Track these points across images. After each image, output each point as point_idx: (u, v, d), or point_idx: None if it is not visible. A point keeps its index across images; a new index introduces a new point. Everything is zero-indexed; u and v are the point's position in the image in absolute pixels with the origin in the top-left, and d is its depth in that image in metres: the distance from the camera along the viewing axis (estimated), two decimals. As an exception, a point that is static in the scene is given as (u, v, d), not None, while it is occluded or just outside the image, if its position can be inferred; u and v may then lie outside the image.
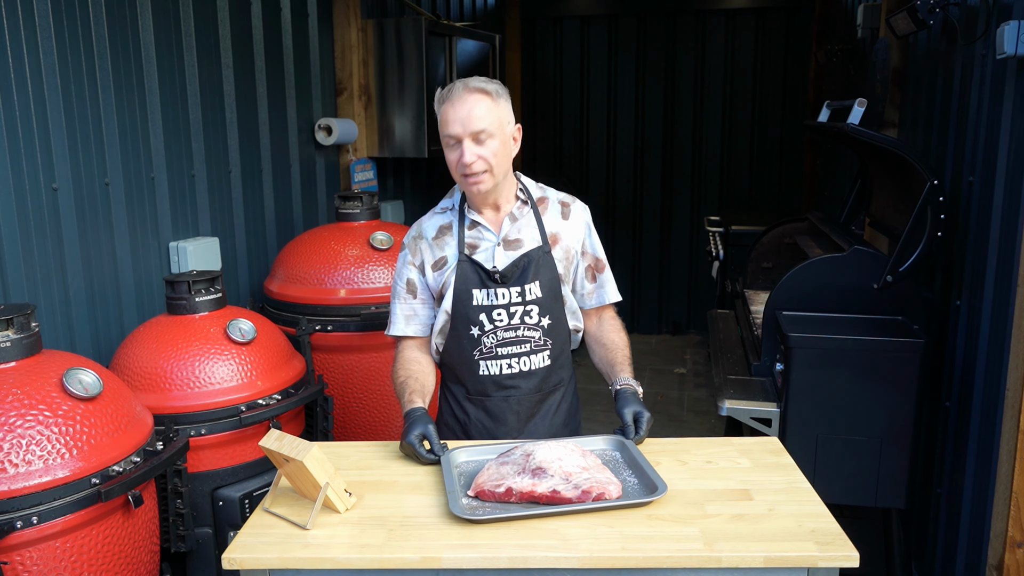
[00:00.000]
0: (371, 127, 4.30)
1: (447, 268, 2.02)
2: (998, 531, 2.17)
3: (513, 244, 2.01)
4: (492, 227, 2.02)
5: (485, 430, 2.06)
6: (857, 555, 1.42)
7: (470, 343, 2.01)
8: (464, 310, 1.99)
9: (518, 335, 2.01)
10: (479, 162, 1.89)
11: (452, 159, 1.92)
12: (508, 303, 1.99)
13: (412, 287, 2.07)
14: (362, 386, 3.15)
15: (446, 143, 1.92)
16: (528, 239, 2.02)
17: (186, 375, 2.40)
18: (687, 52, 6.56)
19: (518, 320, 2.00)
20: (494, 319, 1.99)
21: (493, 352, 2.01)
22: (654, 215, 6.83)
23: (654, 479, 1.65)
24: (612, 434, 1.88)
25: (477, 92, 1.89)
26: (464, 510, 1.54)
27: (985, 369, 2.36)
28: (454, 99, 1.89)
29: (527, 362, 2.03)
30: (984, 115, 2.42)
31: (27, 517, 1.81)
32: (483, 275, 1.98)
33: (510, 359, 2.02)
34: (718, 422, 4.66)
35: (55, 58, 2.50)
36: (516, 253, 2.00)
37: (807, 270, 2.77)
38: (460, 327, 2.01)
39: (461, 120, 1.87)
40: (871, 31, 3.99)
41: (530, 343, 2.02)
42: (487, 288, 1.98)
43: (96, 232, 2.70)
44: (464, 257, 2.00)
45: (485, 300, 1.98)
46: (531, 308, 2.00)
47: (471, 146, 1.88)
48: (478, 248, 2.01)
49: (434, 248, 2.04)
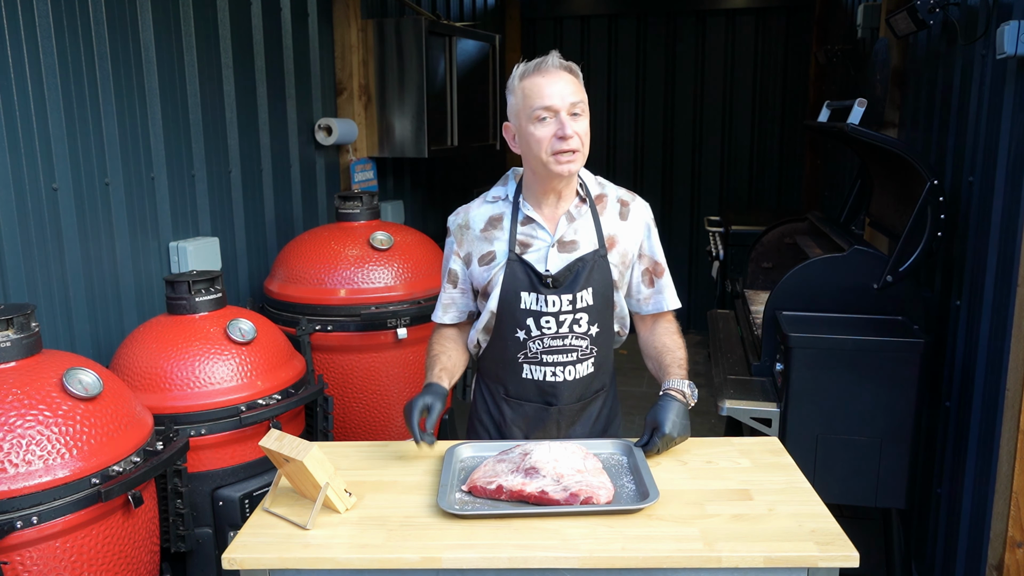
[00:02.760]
0: (371, 127, 4.30)
1: (495, 264, 1.91)
2: (998, 531, 2.17)
3: (568, 246, 1.90)
4: (548, 225, 1.91)
5: (521, 434, 2.01)
6: (857, 555, 1.42)
7: (515, 345, 1.94)
8: (511, 311, 1.91)
9: (566, 344, 1.92)
10: (576, 138, 1.78)
11: (543, 134, 1.78)
12: (558, 311, 1.89)
13: (454, 277, 2.01)
14: (362, 386, 3.15)
15: (535, 117, 1.78)
16: (584, 241, 1.91)
17: (186, 375, 2.40)
18: (687, 52, 6.56)
19: (567, 329, 1.91)
20: (542, 326, 1.90)
21: (538, 358, 1.93)
22: (654, 215, 6.81)
23: (648, 486, 1.63)
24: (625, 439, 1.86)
25: (569, 70, 1.82)
26: (450, 504, 1.55)
27: (985, 369, 2.36)
28: (548, 71, 1.79)
29: (572, 371, 1.95)
30: (984, 115, 2.42)
31: (27, 517, 1.81)
32: (534, 278, 1.89)
33: (555, 367, 1.94)
34: (718, 422, 4.66)
35: (55, 58, 2.50)
36: (571, 256, 1.90)
37: (807, 270, 2.77)
38: (506, 328, 1.93)
39: (560, 92, 1.77)
40: (871, 31, 3.99)
41: (577, 352, 1.94)
42: (537, 292, 1.88)
43: (96, 232, 2.70)
44: (515, 256, 1.90)
45: (534, 305, 1.89)
46: (581, 316, 1.91)
47: (570, 121, 1.77)
48: (530, 247, 1.91)
49: (482, 241, 1.94)
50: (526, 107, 1.81)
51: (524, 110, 1.81)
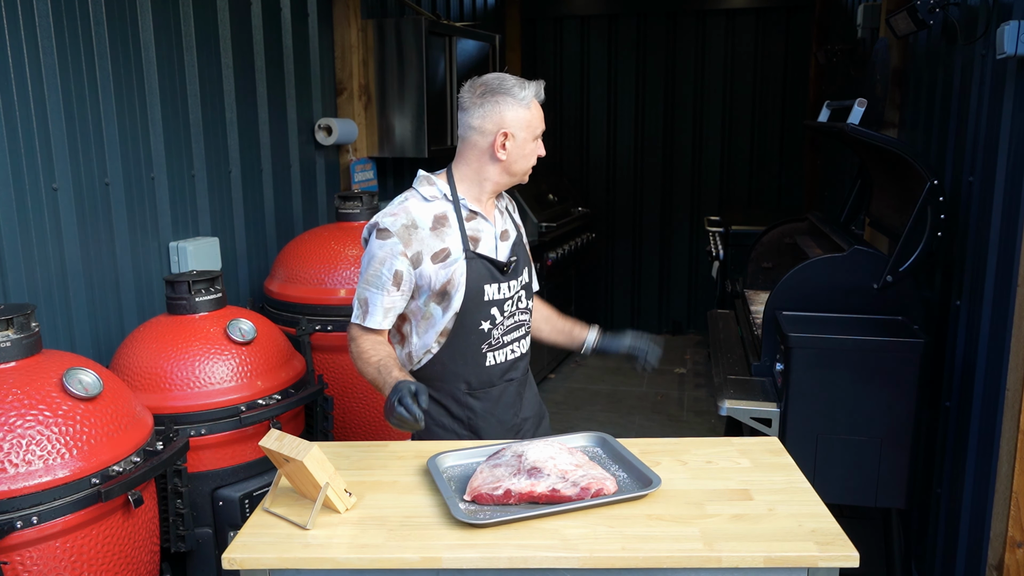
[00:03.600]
0: (371, 127, 4.30)
1: (451, 261, 1.97)
2: (998, 531, 2.17)
3: (504, 235, 2.10)
4: (489, 218, 2.07)
5: (493, 418, 2.09)
6: (857, 555, 1.42)
7: (478, 338, 2.02)
8: (476, 306, 1.99)
9: (517, 320, 2.10)
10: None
11: (532, 151, 2.01)
12: (515, 293, 2.07)
13: (399, 279, 1.95)
14: (362, 386, 3.15)
15: (535, 137, 2.01)
16: (511, 230, 2.14)
17: (186, 375, 2.40)
18: (687, 52, 6.56)
19: (516, 307, 2.09)
20: (504, 311, 2.05)
21: (500, 341, 2.07)
22: (654, 215, 6.83)
23: (645, 472, 1.66)
24: (590, 431, 1.92)
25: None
26: (467, 515, 1.54)
27: (985, 369, 2.36)
28: (541, 99, 2.02)
29: (523, 344, 2.14)
30: (984, 115, 2.42)
31: (27, 517, 1.81)
32: (494, 269, 2.01)
33: (512, 344, 2.10)
34: (718, 422, 4.66)
35: (55, 58, 2.50)
36: (507, 244, 2.09)
37: (807, 270, 2.77)
38: (468, 323, 2.00)
39: (542, 120, 2.03)
40: (871, 31, 3.99)
41: (524, 326, 2.14)
42: (498, 282, 2.02)
43: (96, 232, 2.70)
44: (471, 253, 1.99)
45: (496, 294, 2.02)
46: (522, 293, 2.11)
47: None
48: (480, 241, 2.03)
49: (433, 238, 1.98)
50: (534, 126, 2.00)
51: (531, 128, 1.99)
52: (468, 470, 1.74)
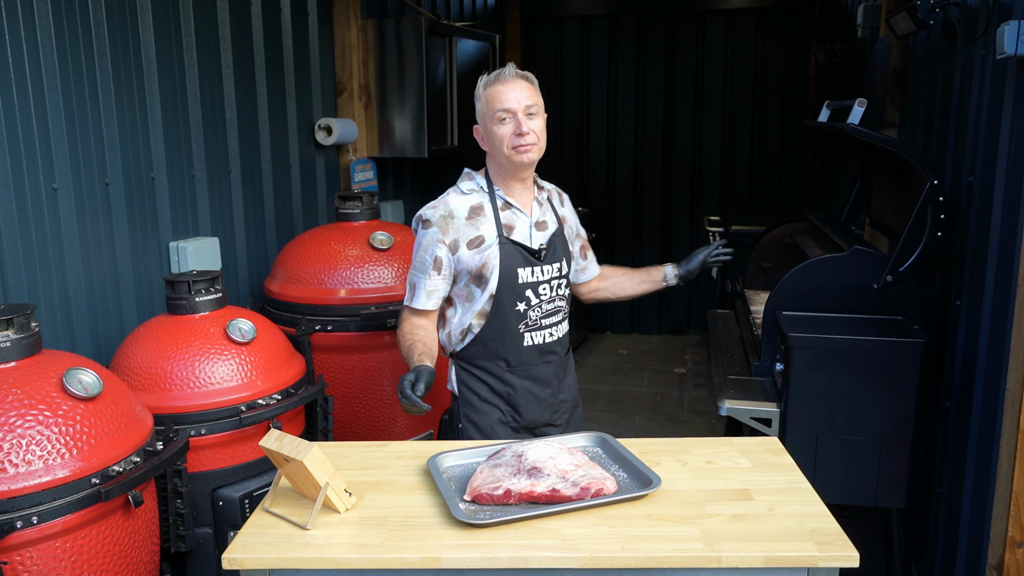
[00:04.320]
0: (371, 127, 4.30)
1: (486, 247, 2.17)
2: (998, 531, 2.17)
3: (541, 226, 2.26)
4: (525, 210, 2.23)
5: (531, 395, 2.26)
6: (857, 555, 1.42)
7: (516, 318, 2.21)
8: (511, 287, 2.18)
9: (555, 306, 2.28)
10: (531, 134, 2.11)
11: (503, 132, 2.11)
12: (550, 278, 2.24)
13: (439, 264, 2.19)
14: (362, 386, 3.15)
15: (497, 119, 2.11)
16: (550, 221, 2.28)
17: (186, 375, 2.40)
18: (687, 52, 6.56)
19: (555, 292, 2.26)
20: (540, 294, 2.22)
21: (538, 323, 2.24)
22: (654, 215, 6.83)
23: (644, 471, 1.67)
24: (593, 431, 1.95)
25: (524, 78, 2.15)
26: (467, 515, 1.54)
27: (985, 369, 2.36)
28: (507, 79, 2.12)
29: (561, 328, 2.31)
30: (984, 115, 2.42)
31: (27, 517, 1.81)
32: (527, 254, 2.19)
33: (551, 328, 2.27)
34: (718, 422, 4.66)
35: (55, 58, 2.50)
36: (546, 234, 2.25)
37: (807, 270, 2.77)
38: (505, 304, 2.19)
39: (515, 96, 2.10)
40: (871, 31, 3.99)
41: (562, 312, 2.31)
42: (532, 266, 2.20)
43: (96, 232, 2.70)
44: (505, 239, 2.18)
45: (530, 277, 2.20)
46: (561, 281, 2.28)
47: (525, 119, 2.10)
48: (514, 229, 2.21)
49: (468, 227, 2.18)
50: (489, 111, 2.13)
51: (488, 113, 2.14)
52: (468, 470, 1.74)
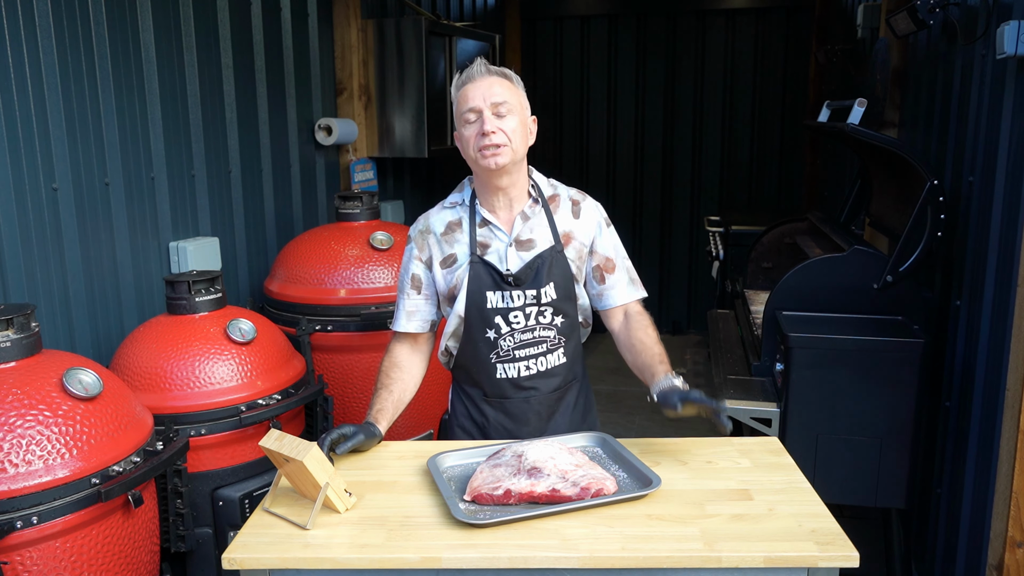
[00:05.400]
0: (371, 127, 4.30)
1: (457, 267, 1.97)
2: (998, 531, 2.17)
3: (525, 244, 1.96)
4: (504, 227, 1.97)
5: (506, 431, 2.03)
6: (857, 555, 1.42)
7: (486, 346, 1.97)
8: (479, 313, 1.95)
9: (535, 336, 1.98)
10: (499, 134, 1.85)
11: (469, 135, 1.88)
12: (524, 304, 1.95)
13: (417, 282, 2.02)
14: (362, 386, 3.15)
15: (465, 121, 1.89)
16: (541, 239, 1.97)
17: (186, 375, 2.40)
18: (687, 52, 6.55)
19: (534, 321, 1.97)
20: (511, 321, 1.96)
21: (511, 355, 1.98)
22: (654, 215, 6.83)
23: (644, 471, 1.66)
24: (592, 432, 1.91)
25: (497, 74, 1.92)
26: (467, 515, 1.53)
27: (985, 369, 2.36)
28: (475, 76, 1.91)
29: (544, 362, 2.00)
30: (984, 115, 2.42)
31: (27, 517, 1.81)
32: (496, 277, 1.94)
33: (528, 360, 1.99)
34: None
35: (55, 58, 2.50)
36: (529, 254, 1.96)
37: (807, 270, 2.77)
38: (475, 330, 1.97)
39: (482, 94, 1.87)
40: (871, 31, 3.99)
41: (546, 343, 2.00)
42: (502, 290, 1.94)
43: (96, 232, 2.70)
44: (476, 258, 1.95)
45: (500, 303, 1.94)
46: (545, 309, 1.97)
47: (491, 118, 1.86)
48: (489, 248, 1.96)
49: (443, 244, 1.99)
50: (458, 113, 1.92)
51: (457, 116, 1.93)
52: (468, 470, 1.74)
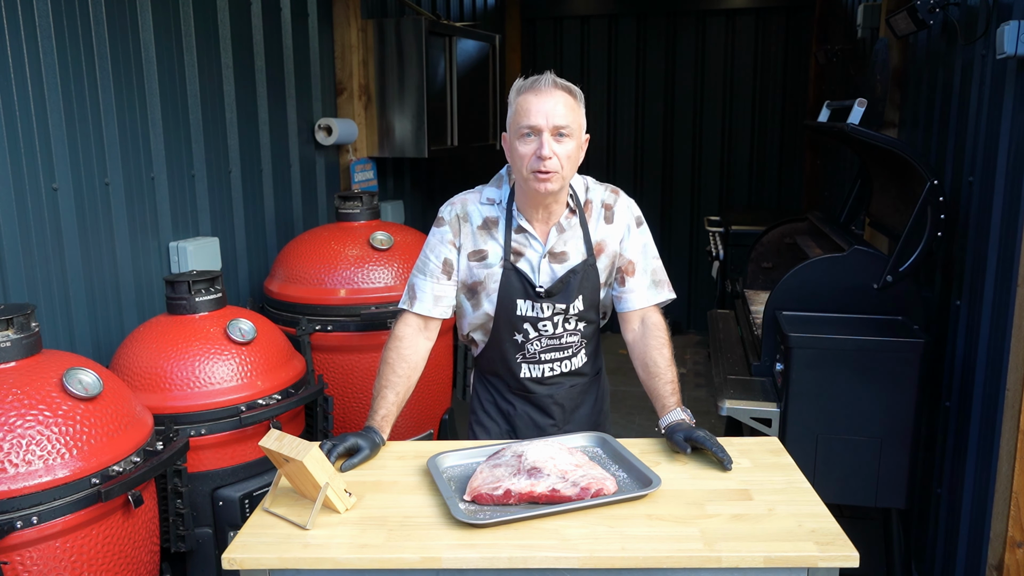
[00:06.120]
0: (371, 127, 4.30)
1: (485, 265, 1.94)
2: (998, 531, 2.17)
3: (559, 257, 1.95)
4: (540, 236, 1.94)
5: (532, 422, 2.06)
6: (857, 555, 1.42)
7: (513, 347, 2.00)
8: (508, 317, 1.96)
9: (561, 342, 2.01)
10: (555, 160, 1.79)
11: (525, 151, 1.80)
12: (552, 314, 1.96)
13: (449, 267, 1.96)
14: (362, 386, 3.15)
15: (520, 134, 1.81)
16: (574, 251, 1.95)
17: (186, 375, 2.40)
18: (687, 52, 6.56)
19: (561, 329, 1.99)
20: (539, 329, 1.97)
21: (537, 357, 2.01)
22: (654, 215, 6.83)
23: (645, 472, 1.66)
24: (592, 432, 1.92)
25: (565, 90, 1.83)
26: (467, 515, 1.53)
27: (985, 369, 2.36)
28: (541, 89, 1.81)
29: (568, 364, 2.05)
30: (984, 115, 2.42)
31: (27, 517, 1.81)
32: (528, 287, 1.93)
33: (552, 363, 2.03)
34: (718, 422, 4.65)
35: (55, 58, 2.50)
36: (562, 267, 1.94)
37: (807, 270, 2.77)
38: (503, 331, 1.99)
39: (546, 112, 1.78)
40: (871, 31, 3.99)
41: (571, 348, 2.03)
42: (531, 300, 1.94)
43: (96, 232, 2.70)
44: (510, 265, 1.93)
45: (530, 312, 1.96)
46: (572, 318, 1.99)
47: (551, 141, 1.79)
48: (523, 256, 1.94)
49: (476, 238, 1.95)
50: (515, 122, 1.83)
51: (513, 125, 1.85)
52: (468, 470, 1.74)
